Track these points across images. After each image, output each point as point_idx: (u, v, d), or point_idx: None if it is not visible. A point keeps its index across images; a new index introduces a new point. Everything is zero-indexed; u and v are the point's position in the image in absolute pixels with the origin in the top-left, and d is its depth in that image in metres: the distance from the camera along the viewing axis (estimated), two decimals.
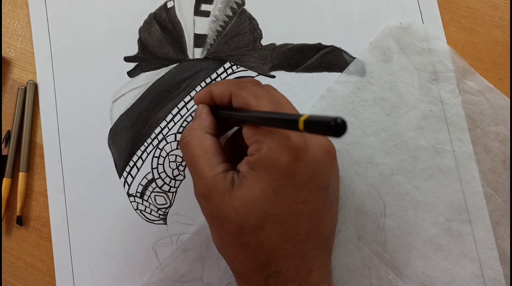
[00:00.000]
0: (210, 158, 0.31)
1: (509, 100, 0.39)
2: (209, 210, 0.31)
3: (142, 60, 0.45)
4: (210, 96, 0.35)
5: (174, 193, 0.43)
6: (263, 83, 0.43)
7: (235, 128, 0.39)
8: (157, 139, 0.44)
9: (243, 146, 0.32)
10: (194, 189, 0.32)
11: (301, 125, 0.23)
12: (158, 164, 0.43)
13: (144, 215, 0.43)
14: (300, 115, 0.23)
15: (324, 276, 0.31)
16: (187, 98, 0.44)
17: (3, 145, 0.45)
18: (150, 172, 0.43)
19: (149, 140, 0.44)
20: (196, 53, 0.44)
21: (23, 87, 0.45)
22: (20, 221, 0.44)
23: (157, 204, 0.43)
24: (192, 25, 0.45)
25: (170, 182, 0.43)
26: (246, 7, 0.44)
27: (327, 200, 0.31)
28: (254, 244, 0.29)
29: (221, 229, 0.31)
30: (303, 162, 0.28)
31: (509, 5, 0.41)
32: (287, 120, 0.25)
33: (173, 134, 0.44)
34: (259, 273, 0.30)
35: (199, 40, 0.44)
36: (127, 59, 0.45)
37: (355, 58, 0.42)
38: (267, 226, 0.29)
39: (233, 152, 0.36)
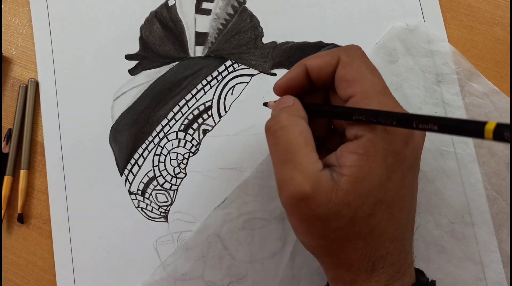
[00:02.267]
0: (311, 151, 0.28)
1: None
2: (311, 211, 0.27)
3: (143, 58, 0.45)
4: (303, 76, 0.30)
5: (175, 191, 0.43)
6: (264, 81, 0.43)
7: None
8: (158, 137, 0.44)
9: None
10: (288, 187, 0.27)
11: (488, 134, 0.20)
12: (159, 162, 0.43)
13: (145, 213, 0.43)
14: (483, 121, 0.20)
15: (413, 257, 0.31)
16: (188, 96, 0.44)
17: (4, 143, 0.45)
18: (151, 170, 0.43)
19: (150, 138, 0.44)
20: (197, 51, 0.44)
21: (24, 85, 0.45)
22: (21, 219, 0.44)
23: (158, 202, 0.43)
24: (193, 23, 0.44)
25: (171, 180, 0.43)
26: (247, 5, 0.44)
27: (417, 183, 0.30)
28: (365, 232, 0.28)
29: (325, 227, 0.27)
30: (411, 145, 0.28)
31: (509, 3, 0.41)
32: (467, 124, 0.22)
33: (174, 131, 0.43)
34: (367, 260, 0.28)
35: (200, 38, 0.44)
36: (128, 57, 0.45)
37: None
38: (379, 213, 0.27)
39: None
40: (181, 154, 0.43)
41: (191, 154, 0.43)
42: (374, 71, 0.29)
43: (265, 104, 0.34)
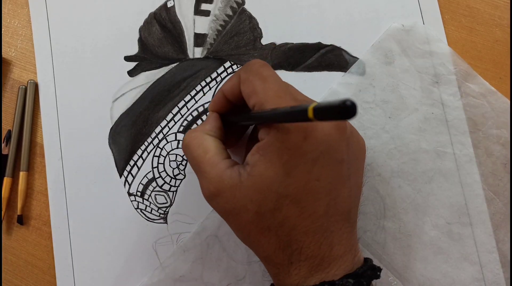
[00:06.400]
0: (212, 157, 0.32)
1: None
2: (222, 207, 0.31)
3: (143, 60, 0.45)
4: (222, 99, 0.35)
5: (175, 192, 0.43)
6: None
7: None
8: (158, 138, 0.44)
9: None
10: (202, 190, 0.32)
11: (310, 114, 0.22)
12: (158, 163, 0.43)
13: (144, 214, 0.43)
14: (307, 105, 0.23)
15: (347, 249, 0.31)
16: (187, 98, 0.44)
17: (3, 145, 0.45)
18: (150, 171, 0.43)
19: (149, 139, 0.44)
20: (196, 52, 0.44)
21: (23, 87, 0.45)
22: (21, 220, 0.45)
23: (157, 203, 0.43)
24: (192, 25, 0.44)
25: (170, 181, 0.43)
26: (246, 6, 0.44)
27: (342, 174, 0.30)
28: (274, 227, 0.30)
29: (238, 221, 0.31)
30: (312, 139, 0.29)
31: (509, 4, 0.41)
32: (295, 112, 0.25)
33: (173, 133, 0.43)
34: (282, 253, 0.30)
35: (199, 39, 0.44)
36: (128, 58, 0.45)
37: (355, 57, 0.42)
38: (284, 207, 0.29)
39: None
40: (180, 156, 0.43)
41: None
42: (267, 79, 0.31)
43: None
